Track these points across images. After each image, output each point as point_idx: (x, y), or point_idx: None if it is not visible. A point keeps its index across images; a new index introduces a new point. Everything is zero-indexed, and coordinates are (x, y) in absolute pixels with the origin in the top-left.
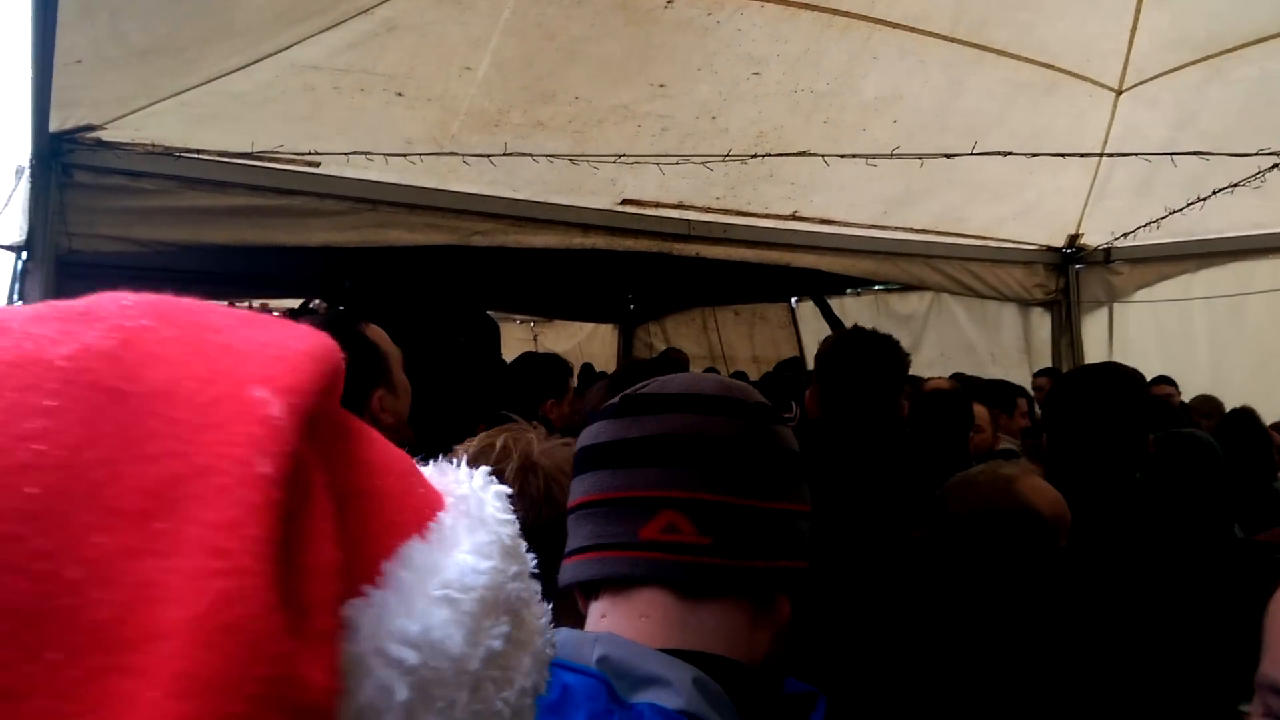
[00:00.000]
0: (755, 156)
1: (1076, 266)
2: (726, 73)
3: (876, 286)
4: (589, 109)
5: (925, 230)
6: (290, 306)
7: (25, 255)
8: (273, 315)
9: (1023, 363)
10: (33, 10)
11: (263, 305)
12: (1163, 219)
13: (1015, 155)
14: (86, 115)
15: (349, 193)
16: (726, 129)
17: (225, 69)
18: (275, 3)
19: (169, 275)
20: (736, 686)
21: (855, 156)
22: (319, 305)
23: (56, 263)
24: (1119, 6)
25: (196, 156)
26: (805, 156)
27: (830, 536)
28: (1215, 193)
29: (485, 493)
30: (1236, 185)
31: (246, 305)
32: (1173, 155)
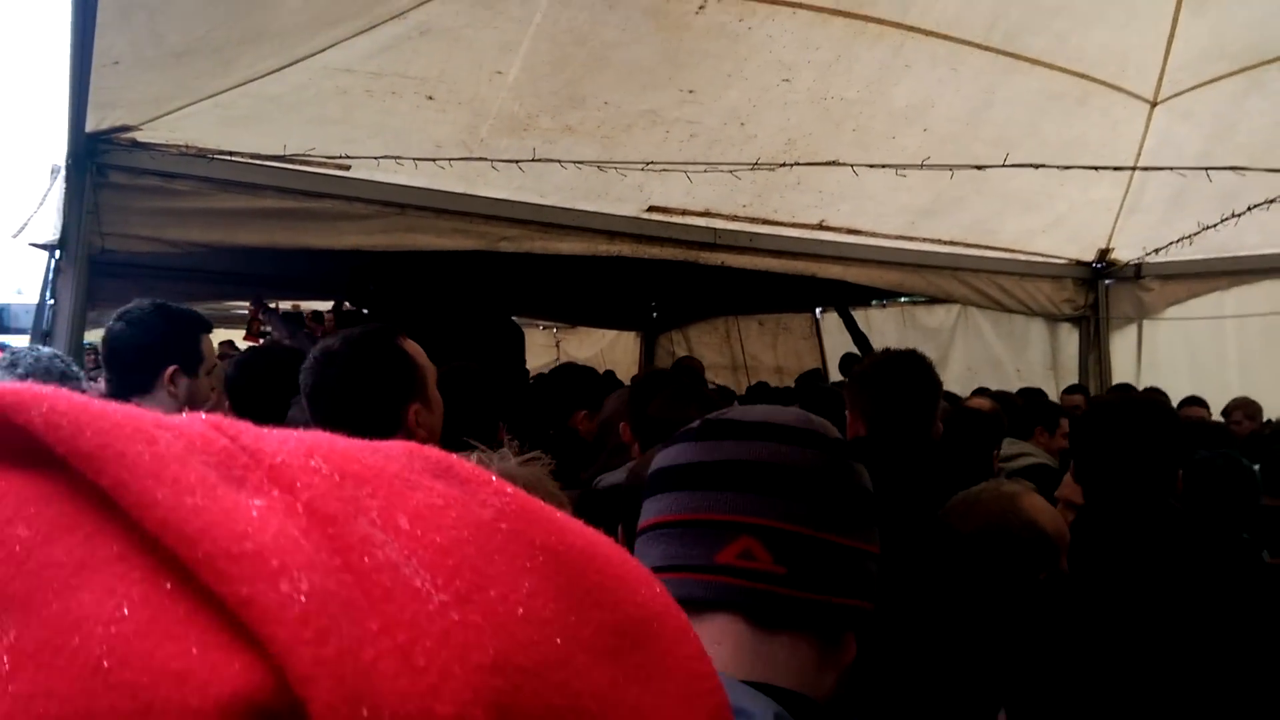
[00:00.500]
0: (784, 165)
1: (1106, 282)
2: (756, 79)
3: (902, 299)
4: (618, 114)
5: (953, 242)
6: (317, 309)
7: (59, 254)
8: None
9: (1049, 379)
10: (72, 11)
11: (294, 306)
12: (1195, 235)
13: (1047, 167)
14: (123, 116)
15: (378, 196)
16: (755, 136)
17: (260, 71)
18: (311, 6)
19: (197, 275)
20: None
21: (885, 167)
22: (344, 307)
23: (89, 261)
24: (1156, 16)
25: (229, 159)
26: (834, 166)
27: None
28: (1251, 209)
29: None
30: (1273, 201)
31: (274, 306)
32: (1208, 170)
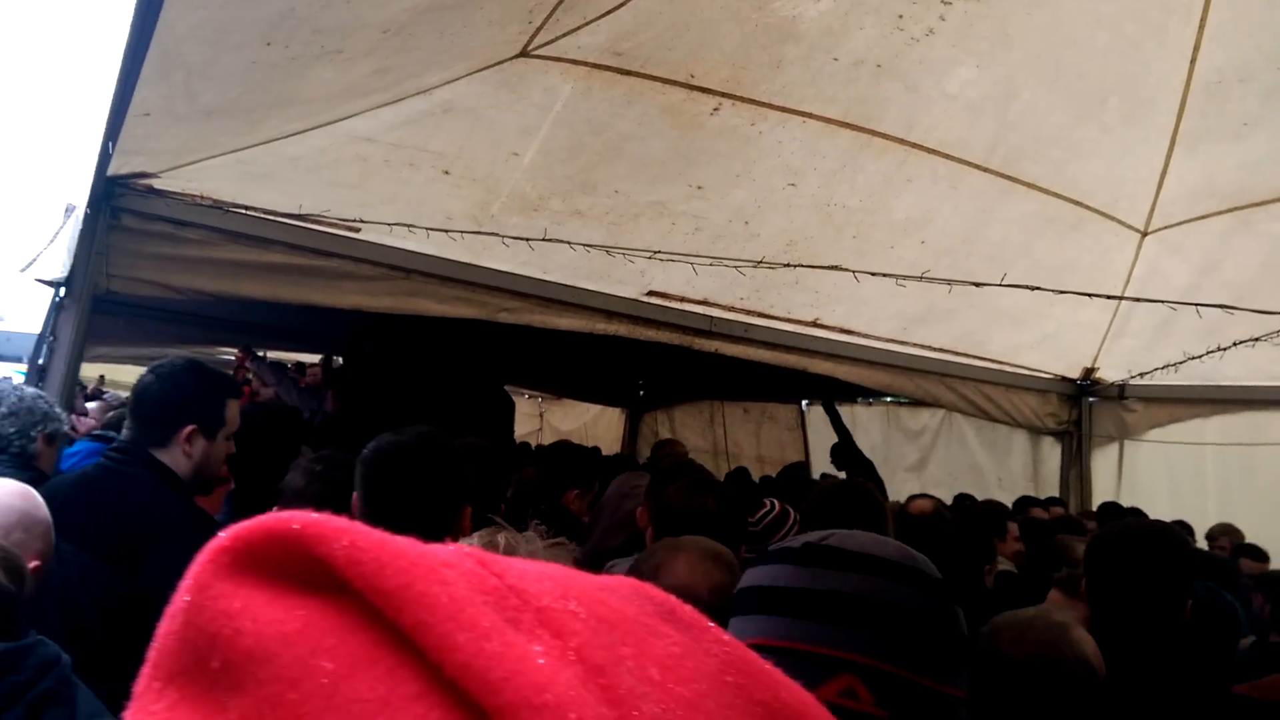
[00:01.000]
0: (787, 266)
1: (1090, 399)
2: (763, 181)
3: (888, 399)
4: (626, 203)
5: (943, 350)
6: (305, 361)
7: (64, 291)
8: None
9: (1029, 489)
10: (121, 64)
11: (297, 364)
12: (1180, 364)
13: (1042, 290)
14: (143, 163)
15: (384, 259)
16: (758, 234)
17: (284, 132)
18: (344, 77)
19: (189, 319)
20: None
21: (886, 276)
22: (333, 362)
23: (91, 300)
24: (1150, 152)
25: (243, 212)
26: (836, 271)
27: None
28: (1236, 344)
29: None
30: (1258, 339)
31: (262, 354)
32: (1198, 306)
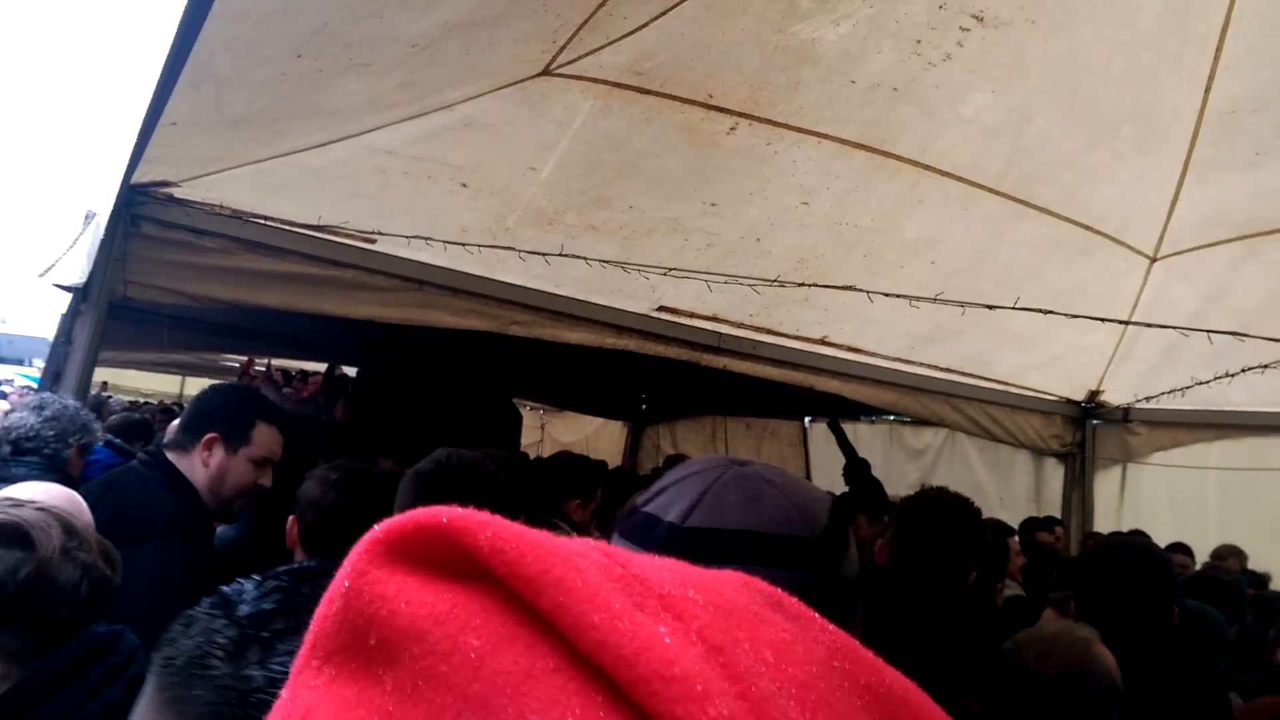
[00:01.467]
0: (802, 285)
1: (1094, 422)
2: (777, 199)
3: (891, 417)
4: (640, 219)
5: (950, 370)
6: (308, 370)
7: (81, 297)
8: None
9: (1031, 510)
10: (160, 76)
11: (300, 373)
12: (1187, 389)
13: (1055, 314)
14: (165, 172)
15: (399, 271)
16: (770, 251)
17: (306, 144)
18: (369, 90)
19: (197, 325)
20: None
21: (900, 297)
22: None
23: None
24: (1161, 179)
25: (262, 222)
26: (849, 290)
27: None
28: (1245, 370)
29: None
30: (1267, 367)
31: (266, 364)
32: (1209, 332)
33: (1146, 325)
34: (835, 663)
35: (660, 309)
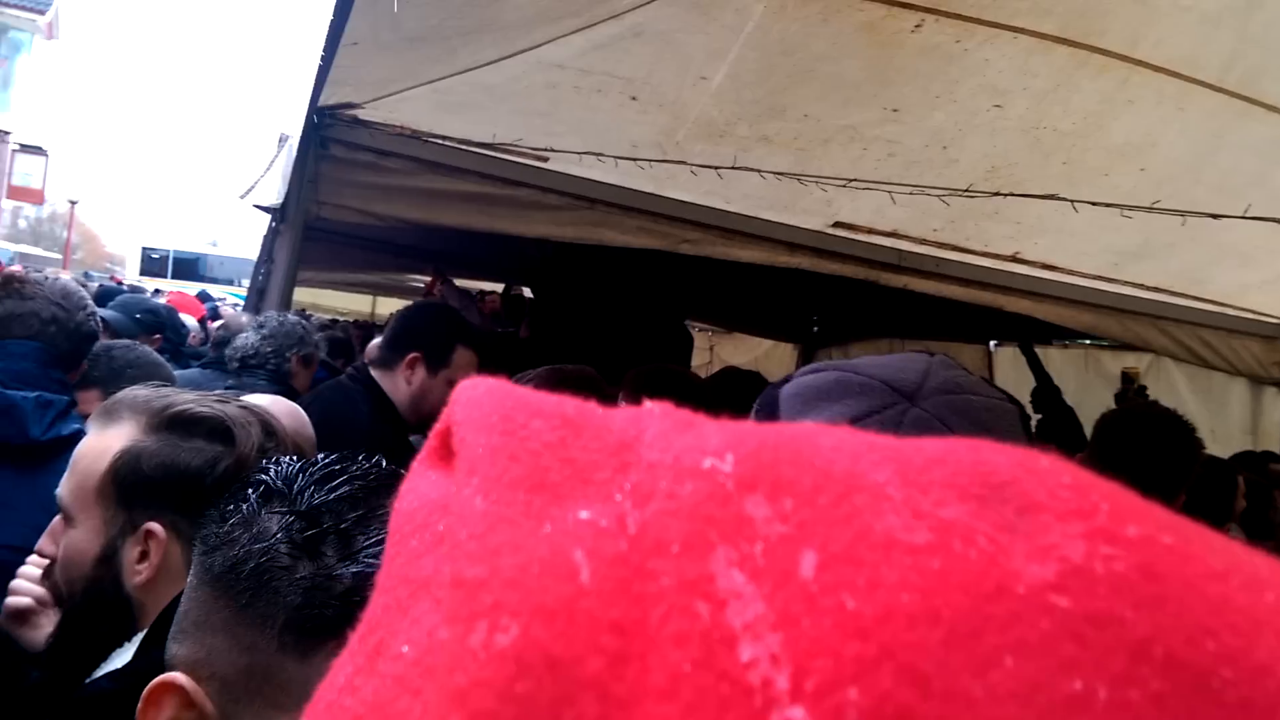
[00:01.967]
0: (995, 195)
1: None
2: (966, 102)
3: (1087, 341)
4: (816, 127)
5: (1158, 289)
6: (486, 289)
7: (280, 218)
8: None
9: (1246, 445)
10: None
11: (480, 292)
12: None
13: None
14: (349, 94)
15: (570, 189)
16: (957, 160)
17: (480, 61)
18: (538, 2)
19: (383, 246)
20: None
21: (1111, 205)
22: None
23: (303, 226)
24: None
25: (441, 142)
26: (1050, 199)
27: None
28: None
29: None
30: None
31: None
32: None
33: None
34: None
35: (836, 224)
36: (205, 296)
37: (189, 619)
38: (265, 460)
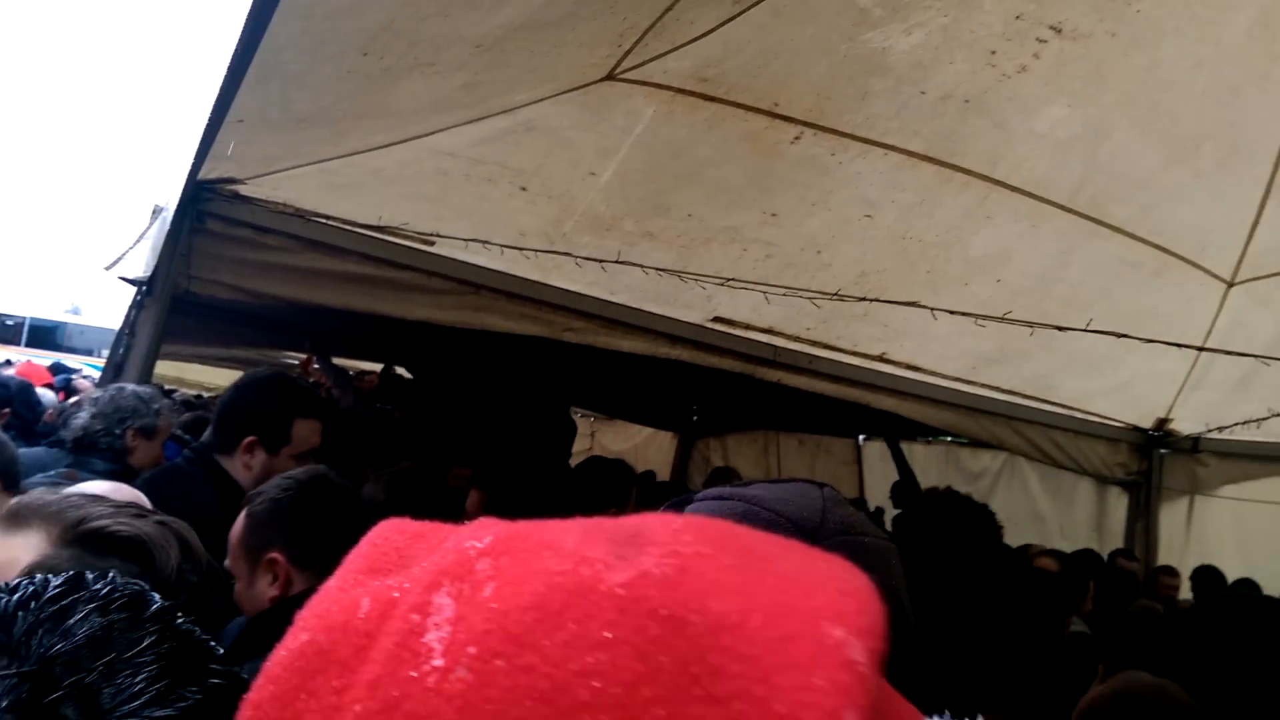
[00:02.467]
0: (862, 300)
1: (1162, 451)
2: (839, 211)
3: (948, 438)
4: (699, 227)
5: (1012, 392)
6: (365, 370)
7: (145, 290)
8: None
9: (1092, 540)
10: (226, 71)
11: (358, 372)
12: (1263, 420)
13: (1129, 338)
14: (231, 169)
15: (455, 273)
16: (830, 264)
17: (370, 145)
18: (434, 91)
19: (255, 322)
20: None
21: (966, 315)
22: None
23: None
24: (1242, 201)
25: (324, 221)
26: (912, 307)
27: None
28: None
29: None
30: None
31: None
32: None
33: (1222, 352)
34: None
35: (715, 319)
36: (60, 368)
37: None
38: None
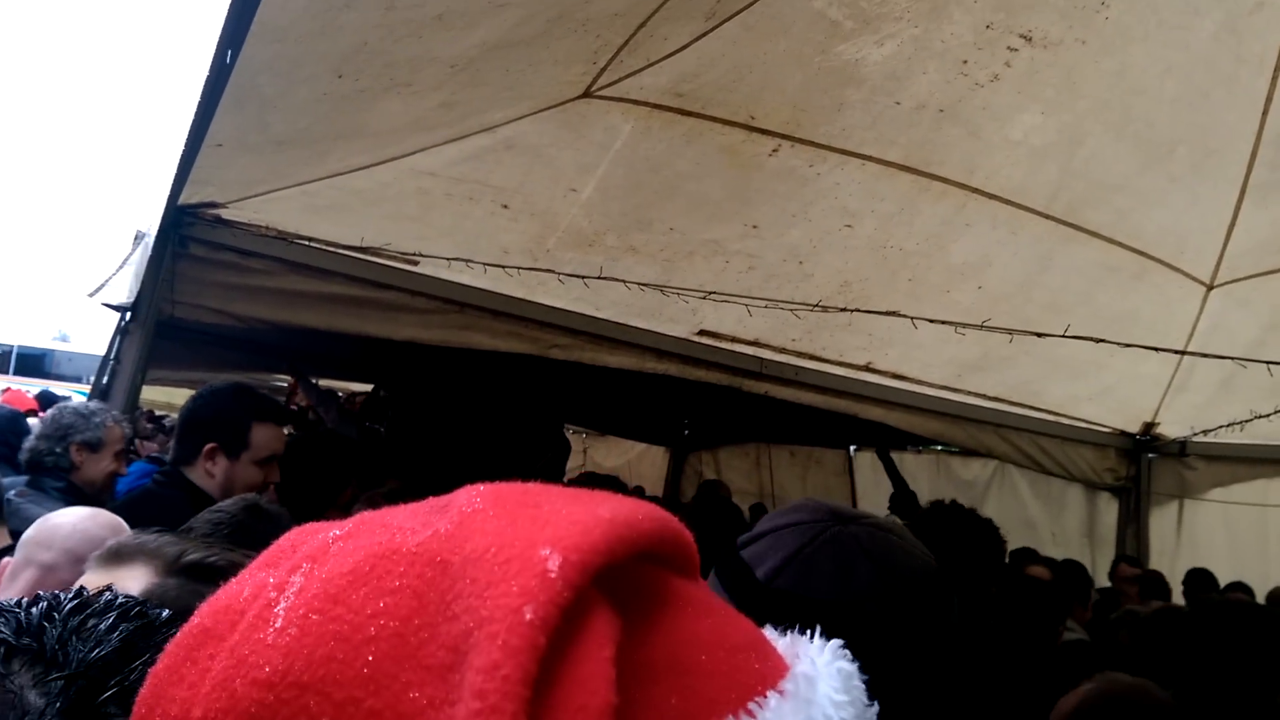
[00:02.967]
0: (844, 310)
1: (1149, 455)
2: (820, 222)
3: (938, 447)
4: (681, 240)
5: (998, 399)
6: (356, 391)
7: (129, 316)
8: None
9: (1084, 546)
10: (201, 96)
11: (348, 394)
12: (1247, 422)
13: (1107, 343)
14: (213, 193)
15: (439, 293)
16: (812, 275)
17: (350, 166)
18: (412, 111)
19: (243, 345)
20: None
21: (945, 323)
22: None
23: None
24: (1218, 203)
25: (307, 243)
26: (893, 316)
27: None
28: None
29: (826, 670)
30: None
31: (314, 380)
32: (1269, 364)
33: (1203, 355)
34: None
35: (701, 333)
36: (48, 396)
37: None
38: None
